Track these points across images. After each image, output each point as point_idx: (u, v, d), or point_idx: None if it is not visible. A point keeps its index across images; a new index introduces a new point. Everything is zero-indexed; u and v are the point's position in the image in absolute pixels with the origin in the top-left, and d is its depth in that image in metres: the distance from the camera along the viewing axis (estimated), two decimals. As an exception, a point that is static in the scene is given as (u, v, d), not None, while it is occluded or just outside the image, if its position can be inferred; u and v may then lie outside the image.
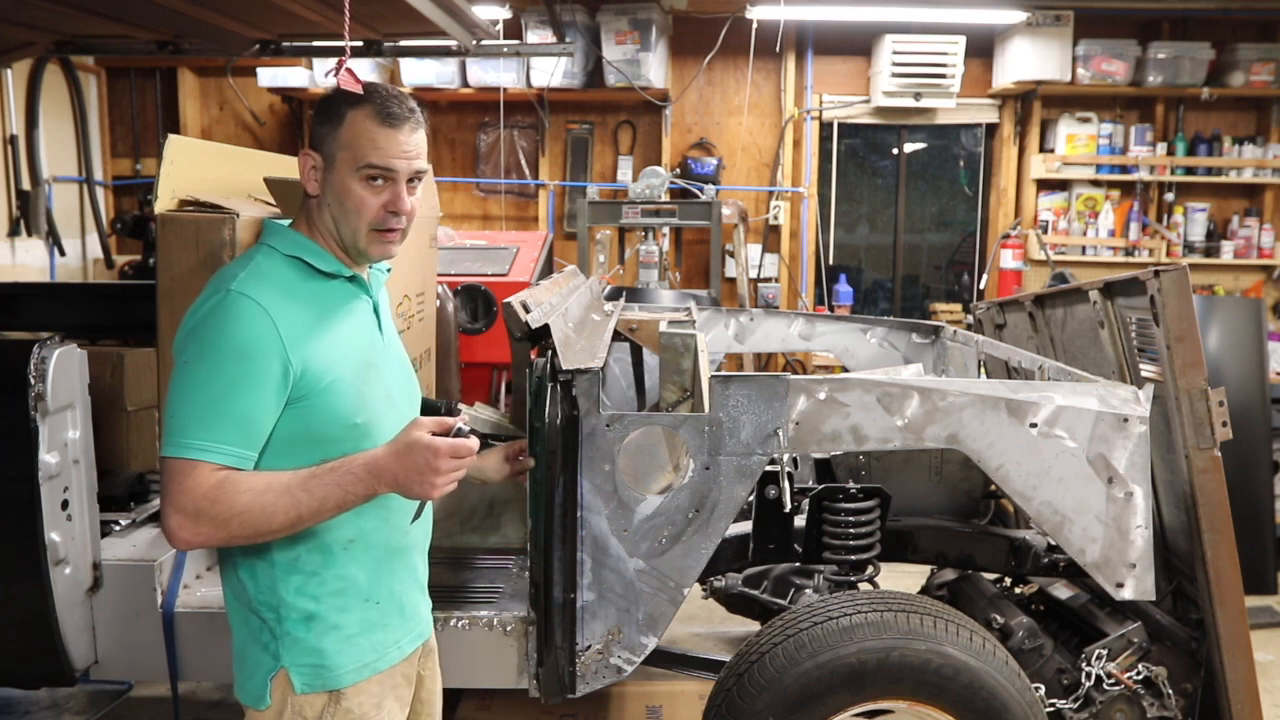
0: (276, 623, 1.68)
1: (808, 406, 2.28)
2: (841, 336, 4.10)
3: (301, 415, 1.64)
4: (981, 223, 7.08)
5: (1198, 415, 2.44)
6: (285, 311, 1.63)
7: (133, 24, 4.19)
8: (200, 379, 1.58)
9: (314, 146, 1.74)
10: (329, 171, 1.72)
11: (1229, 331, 4.94)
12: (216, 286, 1.64)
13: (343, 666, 1.71)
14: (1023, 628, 2.81)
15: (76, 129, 6.67)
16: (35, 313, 3.71)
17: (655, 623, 2.29)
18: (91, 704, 3.62)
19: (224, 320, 1.59)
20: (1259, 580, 4.86)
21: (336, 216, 1.73)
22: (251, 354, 1.59)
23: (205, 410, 1.57)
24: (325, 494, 1.59)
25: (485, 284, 4.76)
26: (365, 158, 1.69)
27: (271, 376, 1.60)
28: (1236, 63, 6.42)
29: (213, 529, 1.56)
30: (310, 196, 1.76)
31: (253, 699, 1.71)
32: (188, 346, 1.61)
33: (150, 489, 3.23)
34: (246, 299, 1.61)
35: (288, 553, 1.68)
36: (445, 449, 1.59)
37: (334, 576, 1.71)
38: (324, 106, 1.74)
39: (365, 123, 1.69)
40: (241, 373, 1.58)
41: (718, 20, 6.60)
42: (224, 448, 1.57)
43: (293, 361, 1.62)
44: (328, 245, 1.76)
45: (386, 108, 1.70)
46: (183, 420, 1.57)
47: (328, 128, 1.71)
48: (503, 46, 5.38)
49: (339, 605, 1.72)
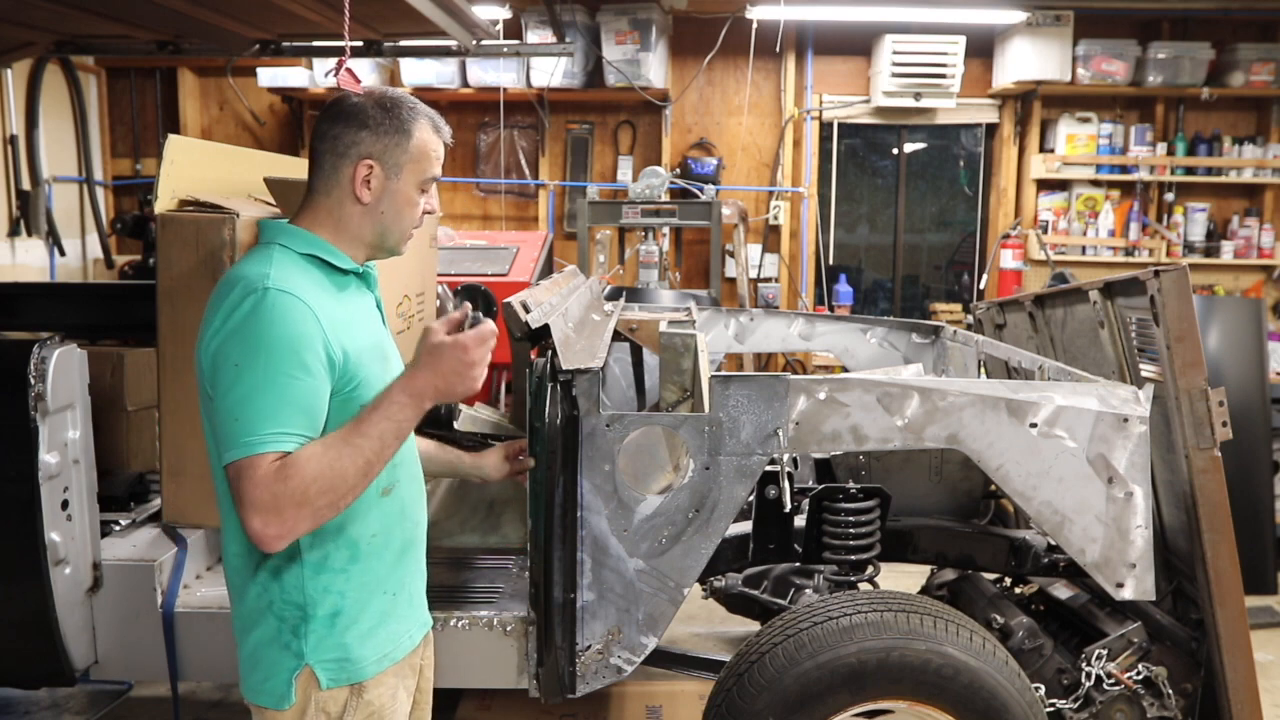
0: (301, 621, 1.69)
1: (808, 406, 2.28)
2: (841, 336, 4.10)
3: (339, 409, 1.66)
4: (981, 223, 7.08)
5: (1198, 415, 2.44)
6: (321, 305, 1.65)
7: (133, 24, 4.19)
8: (257, 379, 1.56)
9: (371, 156, 1.72)
10: (392, 181, 1.74)
11: (1229, 331, 4.94)
12: (247, 287, 1.61)
13: (365, 659, 1.74)
14: (1023, 628, 2.81)
15: (76, 129, 6.67)
16: (35, 313, 3.71)
17: (655, 623, 2.29)
18: (91, 704, 3.62)
19: (270, 317, 1.59)
20: (1259, 580, 4.85)
21: (388, 224, 1.77)
22: (302, 345, 1.59)
23: (270, 406, 1.56)
24: (380, 430, 1.61)
25: (485, 284, 4.76)
26: (431, 170, 1.78)
27: (322, 365, 1.62)
28: (1236, 63, 6.41)
29: (296, 510, 1.54)
30: (357, 204, 1.74)
31: (273, 700, 1.70)
32: (232, 349, 1.58)
33: (150, 489, 3.22)
34: (287, 294, 1.61)
35: (317, 551, 1.69)
36: (470, 340, 1.65)
37: (359, 571, 1.73)
38: (383, 117, 1.73)
39: (430, 136, 1.77)
40: (297, 364, 1.58)
41: (718, 20, 6.60)
42: (290, 434, 1.57)
43: (335, 352, 1.64)
44: (339, 243, 1.76)
45: (436, 121, 1.78)
46: (247, 421, 1.55)
47: (394, 139, 1.73)
48: (503, 46, 5.38)
49: (361, 599, 1.74)
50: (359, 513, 1.71)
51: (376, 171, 1.73)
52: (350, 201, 1.74)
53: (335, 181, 1.74)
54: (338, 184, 1.74)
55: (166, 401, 2.61)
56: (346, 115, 1.73)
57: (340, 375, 1.65)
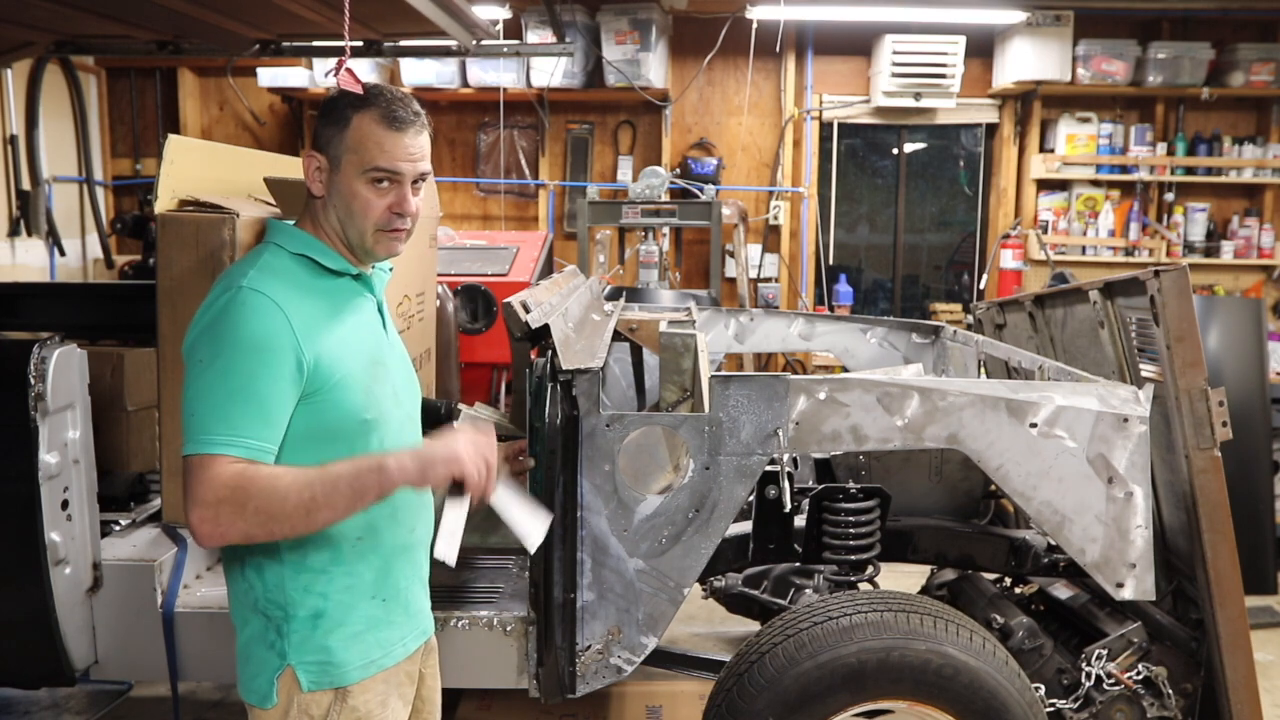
0: (284, 621, 1.69)
1: (808, 406, 2.28)
2: (841, 336, 4.10)
3: (314, 410, 1.65)
4: (981, 223, 7.08)
5: (1198, 415, 2.44)
6: (296, 306, 1.64)
7: (133, 24, 4.19)
8: (216, 375, 1.57)
9: (318, 148, 1.74)
10: (334, 174, 1.73)
11: (1229, 331, 4.94)
12: (226, 284, 1.64)
13: (349, 664, 1.72)
14: (1023, 628, 2.81)
15: (76, 129, 6.67)
16: (35, 313, 3.70)
17: (655, 623, 2.29)
18: (91, 704, 3.62)
19: (237, 316, 1.59)
20: (1259, 580, 4.85)
21: (343, 218, 1.74)
22: (266, 347, 1.59)
23: (224, 405, 1.56)
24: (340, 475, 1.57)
25: (485, 284, 4.76)
26: (372, 161, 1.70)
27: (287, 369, 1.60)
28: (1236, 63, 6.41)
29: (230, 518, 1.53)
30: (315, 197, 1.76)
31: (258, 698, 1.71)
32: (200, 346, 1.60)
33: (150, 489, 3.22)
34: (257, 294, 1.61)
35: (296, 551, 1.68)
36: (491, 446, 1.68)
37: (342, 574, 1.71)
38: (329, 109, 1.73)
39: (371, 126, 1.70)
40: (258, 365, 1.58)
41: (718, 20, 6.60)
42: (243, 440, 1.56)
43: (306, 355, 1.62)
44: (334, 244, 1.76)
45: (392, 111, 1.71)
46: (202, 418, 1.57)
47: (333, 130, 1.72)
48: (503, 46, 5.39)
49: (346, 603, 1.72)
50: None
51: (321, 163, 1.73)
52: (314, 196, 1.76)
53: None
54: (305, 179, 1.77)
55: (166, 401, 2.61)
56: (320, 110, 1.77)
57: (311, 377, 1.64)
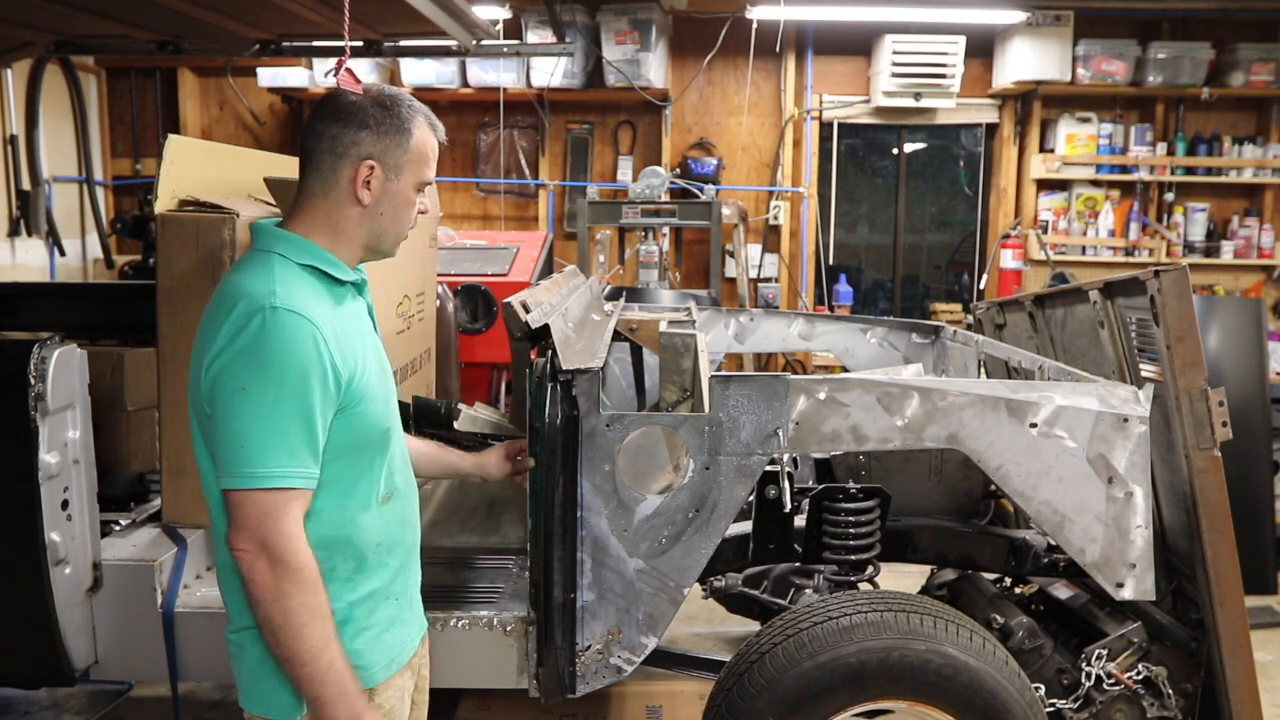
0: None
1: (808, 406, 2.28)
2: (841, 336, 4.10)
3: (346, 425, 1.65)
4: (981, 223, 7.08)
5: (1198, 415, 2.44)
6: (326, 323, 1.61)
7: (133, 24, 4.19)
8: (268, 406, 1.54)
9: (372, 157, 1.68)
10: (392, 182, 1.71)
11: (1229, 331, 4.94)
12: (252, 304, 1.56)
13: (375, 664, 1.74)
14: (1023, 628, 2.81)
15: (76, 129, 6.67)
16: (35, 313, 3.70)
17: (655, 623, 2.29)
18: (91, 704, 3.62)
19: (279, 340, 1.55)
20: (1259, 580, 4.85)
21: (387, 226, 1.74)
22: (310, 372, 1.57)
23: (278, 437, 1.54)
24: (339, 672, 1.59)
25: (485, 284, 4.77)
26: (429, 170, 1.75)
27: (329, 391, 1.60)
28: (1236, 63, 6.42)
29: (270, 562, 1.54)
30: (355, 206, 1.71)
31: (282, 712, 1.66)
32: (239, 371, 1.54)
33: (150, 489, 3.22)
34: (295, 315, 1.57)
35: (325, 563, 1.65)
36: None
37: (365, 580, 1.73)
38: (384, 116, 1.69)
39: (429, 135, 1.74)
40: (306, 391, 1.56)
41: (718, 20, 6.60)
42: (295, 471, 1.56)
43: (341, 373, 1.62)
44: (341, 252, 1.72)
45: (432, 120, 1.75)
46: (255, 450, 1.53)
47: (395, 139, 1.69)
48: (503, 46, 5.38)
49: (370, 606, 1.74)
50: (362, 523, 1.71)
51: (377, 172, 1.69)
52: (350, 203, 1.70)
53: (334, 183, 1.69)
54: (336, 185, 1.70)
55: (166, 401, 2.61)
56: (345, 114, 1.68)
57: (346, 393, 1.63)
